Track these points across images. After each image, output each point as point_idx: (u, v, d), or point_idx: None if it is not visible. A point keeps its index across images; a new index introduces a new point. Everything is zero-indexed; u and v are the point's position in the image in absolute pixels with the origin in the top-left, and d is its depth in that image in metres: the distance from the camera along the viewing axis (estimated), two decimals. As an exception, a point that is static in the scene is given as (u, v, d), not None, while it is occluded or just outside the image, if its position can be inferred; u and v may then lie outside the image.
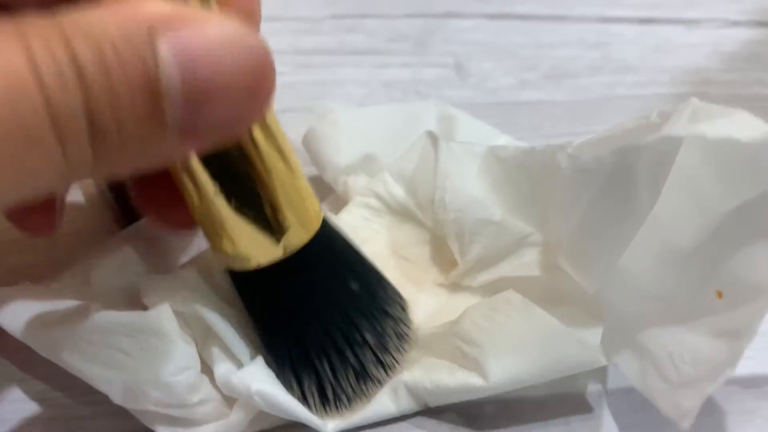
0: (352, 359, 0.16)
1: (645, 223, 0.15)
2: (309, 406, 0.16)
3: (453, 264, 0.19)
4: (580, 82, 0.26)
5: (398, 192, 0.19)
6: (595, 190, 0.15)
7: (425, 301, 0.19)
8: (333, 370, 0.16)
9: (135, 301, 0.17)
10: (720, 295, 0.15)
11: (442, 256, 0.19)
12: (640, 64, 0.27)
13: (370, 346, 0.16)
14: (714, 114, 0.14)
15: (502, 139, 0.22)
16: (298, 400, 0.16)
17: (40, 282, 0.18)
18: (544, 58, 0.28)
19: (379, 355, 0.16)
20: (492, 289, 0.18)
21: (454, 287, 0.19)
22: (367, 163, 0.21)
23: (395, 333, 0.17)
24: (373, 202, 0.20)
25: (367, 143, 0.21)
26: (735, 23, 0.30)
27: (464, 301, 0.18)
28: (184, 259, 0.19)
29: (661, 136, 0.13)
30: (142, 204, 0.17)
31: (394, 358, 0.16)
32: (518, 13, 0.30)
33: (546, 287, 0.17)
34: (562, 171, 0.16)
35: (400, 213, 0.20)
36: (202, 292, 0.17)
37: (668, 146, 0.13)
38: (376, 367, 0.16)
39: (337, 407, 0.16)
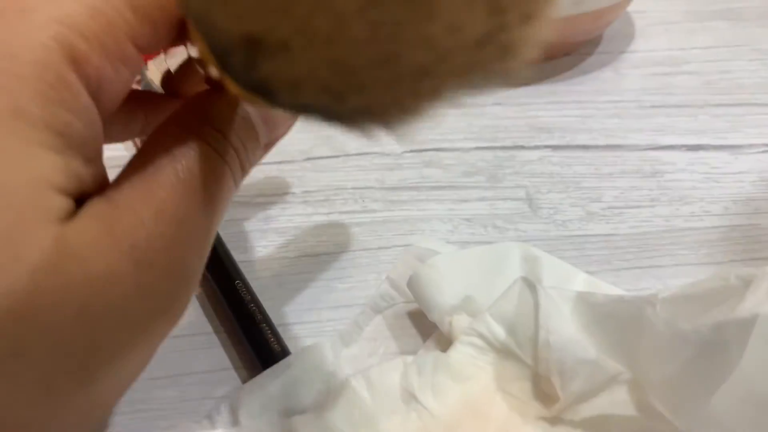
0: None
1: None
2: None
3: (552, 399, 0.21)
4: (642, 214, 0.30)
5: (500, 332, 0.22)
6: (692, 351, 0.18)
7: (529, 432, 0.21)
8: None
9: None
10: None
11: (542, 391, 0.22)
12: (693, 194, 0.30)
13: None
14: (788, 288, 0.17)
15: (581, 277, 0.25)
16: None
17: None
18: (606, 189, 0.31)
19: None
20: (590, 423, 0.21)
21: (555, 420, 0.21)
22: (467, 304, 0.24)
23: None
24: (477, 341, 0.22)
25: (465, 285, 0.24)
26: (775, 149, 0.33)
27: (565, 434, 0.21)
28: (317, 396, 0.22)
29: (753, 313, 0.16)
30: None
31: None
32: (578, 143, 0.34)
33: (640, 424, 0.20)
34: (653, 325, 0.19)
35: (502, 351, 0.22)
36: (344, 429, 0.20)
37: (755, 319, 0.16)
38: None
39: None
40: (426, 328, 0.25)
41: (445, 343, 0.23)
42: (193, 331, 0.25)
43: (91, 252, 0.14)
